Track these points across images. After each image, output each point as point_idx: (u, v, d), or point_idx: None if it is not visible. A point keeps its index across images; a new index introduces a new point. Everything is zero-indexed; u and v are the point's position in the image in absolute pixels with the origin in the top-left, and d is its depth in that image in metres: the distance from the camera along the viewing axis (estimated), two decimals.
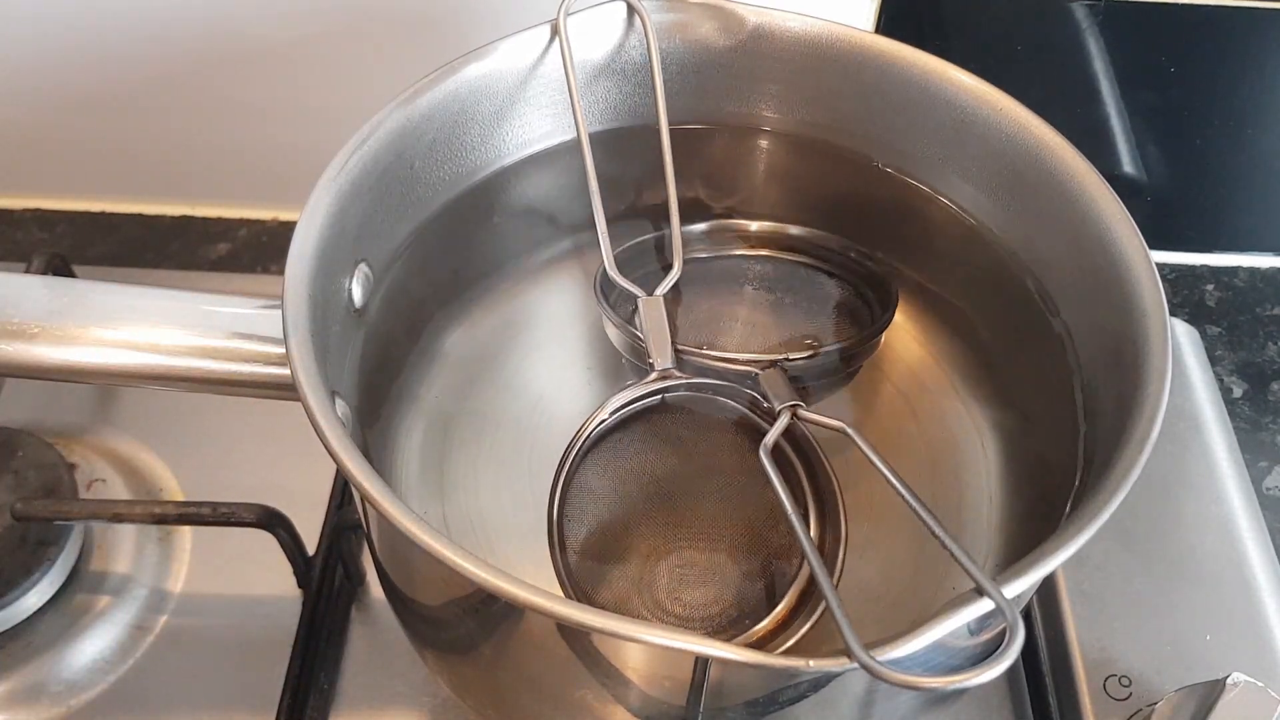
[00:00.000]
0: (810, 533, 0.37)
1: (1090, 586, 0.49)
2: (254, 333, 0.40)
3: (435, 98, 0.41)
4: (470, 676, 0.40)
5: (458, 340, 0.45)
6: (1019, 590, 0.29)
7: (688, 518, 0.38)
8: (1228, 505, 0.53)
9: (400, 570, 0.38)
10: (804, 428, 0.39)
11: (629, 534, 0.38)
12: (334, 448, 0.31)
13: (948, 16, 0.59)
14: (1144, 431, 0.33)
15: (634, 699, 0.34)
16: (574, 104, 0.40)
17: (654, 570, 0.37)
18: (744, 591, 0.37)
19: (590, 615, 0.28)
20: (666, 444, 0.40)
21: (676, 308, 0.44)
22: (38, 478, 0.51)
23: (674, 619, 0.36)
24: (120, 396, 0.58)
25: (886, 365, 0.46)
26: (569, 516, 0.37)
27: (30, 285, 0.42)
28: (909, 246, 0.48)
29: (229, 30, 0.60)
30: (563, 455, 0.38)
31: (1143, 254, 0.38)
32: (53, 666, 0.48)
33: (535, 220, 0.48)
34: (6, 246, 0.67)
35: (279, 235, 0.69)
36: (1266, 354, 0.66)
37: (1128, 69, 0.61)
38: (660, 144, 0.43)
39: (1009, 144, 0.42)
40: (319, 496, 0.52)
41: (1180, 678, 0.45)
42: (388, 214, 0.42)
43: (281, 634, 0.48)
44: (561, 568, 0.36)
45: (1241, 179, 0.66)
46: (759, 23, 0.45)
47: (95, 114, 0.64)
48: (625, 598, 0.36)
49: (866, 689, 0.34)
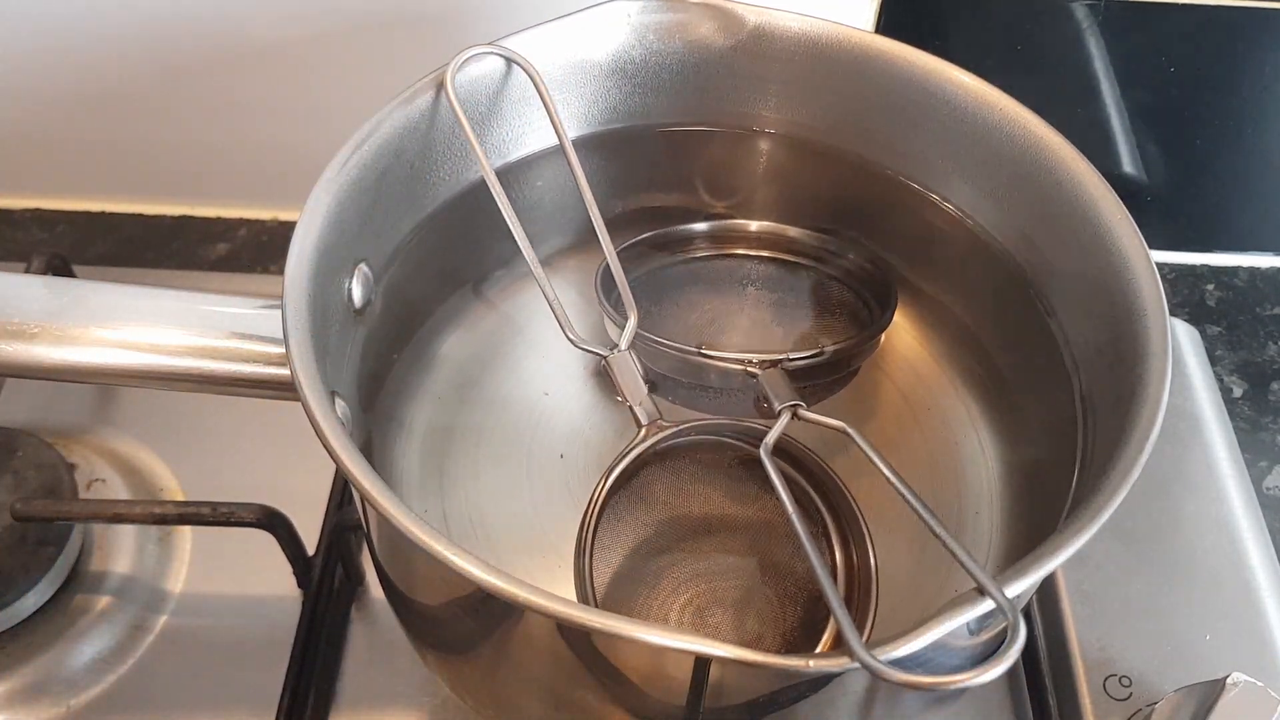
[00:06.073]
0: (806, 527, 0.37)
1: (1090, 586, 0.49)
2: (254, 333, 0.40)
3: (434, 98, 0.41)
4: (470, 676, 0.40)
5: (457, 340, 0.45)
6: (1020, 590, 0.29)
7: (710, 565, 0.38)
8: (1228, 505, 0.53)
9: (400, 570, 0.38)
10: (822, 463, 0.39)
11: (655, 600, 0.38)
12: (334, 448, 0.31)
13: (948, 16, 0.59)
14: (1144, 431, 0.33)
15: (634, 699, 0.34)
16: (476, 151, 0.41)
17: (683, 618, 0.37)
18: (779, 619, 0.37)
19: (590, 615, 0.28)
20: (671, 494, 0.40)
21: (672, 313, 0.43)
22: (38, 478, 0.51)
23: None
24: (120, 396, 0.58)
25: (886, 365, 0.46)
26: (601, 599, 0.37)
27: (30, 285, 0.42)
28: (909, 246, 0.48)
29: (229, 30, 0.60)
30: (578, 537, 0.37)
31: (1143, 254, 0.38)
32: (53, 666, 0.48)
33: (534, 219, 0.48)
34: (6, 246, 0.67)
35: (279, 235, 0.69)
36: (1266, 354, 0.66)
37: (1128, 69, 0.61)
38: (586, 206, 0.42)
39: (1009, 144, 0.42)
40: (319, 496, 0.52)
41: (1180, 678, 0.45)
42: (387, 214, 0.42)
43: (281, 634, 0.48)
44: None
45: (1241, 179, 0.66)
46: (759, 23, 0.45)
47: (95, 114, 0.64)
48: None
49: (867, 689, 0.34)
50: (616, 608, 0.37)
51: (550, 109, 0.43)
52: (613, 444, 0.42)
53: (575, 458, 0.43)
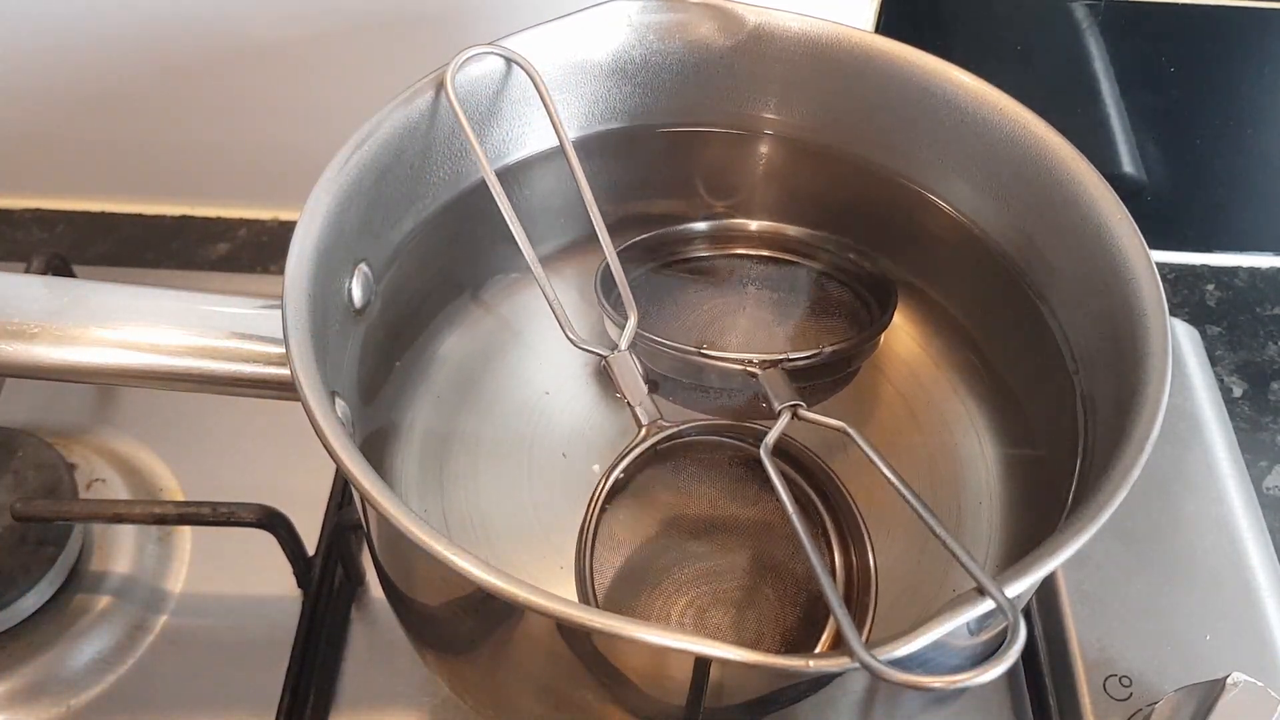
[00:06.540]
0: (806, 525, 0.37)
1: (1090, 586, 0.49)
2: (254, 333, 0.40)
3: (434, 98, 0.41)
4: (470, 676, 0.40)
5: (457, 339, 0.45)
6: (1020, 590, 0.29)
7: (710, 566, 0.38)
8: (1228, 505, 0.53)
9: (400, 570, 0.38)
10: (822, 463, 0.39)
11: (656, 601, 0.38)
12: (334, 448, 0.31)
13: (948, 16, 0.59)
14: (1144, 431, 0.33)
15: (634, 699, 0.34)
16: (477, 152, 0.41)
17: (683, 618, 0.37)
18: (779, 619, 0.37)
19: (590, 615, 0.28)
20: (671, 494, 0.40)
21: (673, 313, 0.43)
22: (38, 478, 0.51)
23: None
24: (120, 396, 0.58)
25: (886, 365, 0.46)
26: (602, 600, 0.37)
27: (30, 285, 0.42)
28: (908, 246, 0.48)
29: (229, 30, 0.60)
30: (579, 537, 0.37)
31: (1143, 254, 0.38)
32: (53, 666, 0.48)
33: (534, 220, 0.48)
34: (6, 246, 0.67)
35: (279, 235, 0.69)
36: (1266, 354, 0.66)
37: (1128, 69, 0.61)
38: (586, 206, 0.42)
39: (1009, 144, 0.42)
40: (319, 496, 0.52)
41: (1180, 678, 0.45)
42: (387, 214, 0.42)
43: (281, 634, 0.48)
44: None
45: (1241, 179, 0.66)
46: (759, 23, 0.45)
47: (95, 114, 0.64)
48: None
49: (867, 689, 0.34)
50: (617, 608, 0.37)
51: (550, 109, 0.43)
52: (613, 444, 0.42)
53: (576, 457, 0.43)
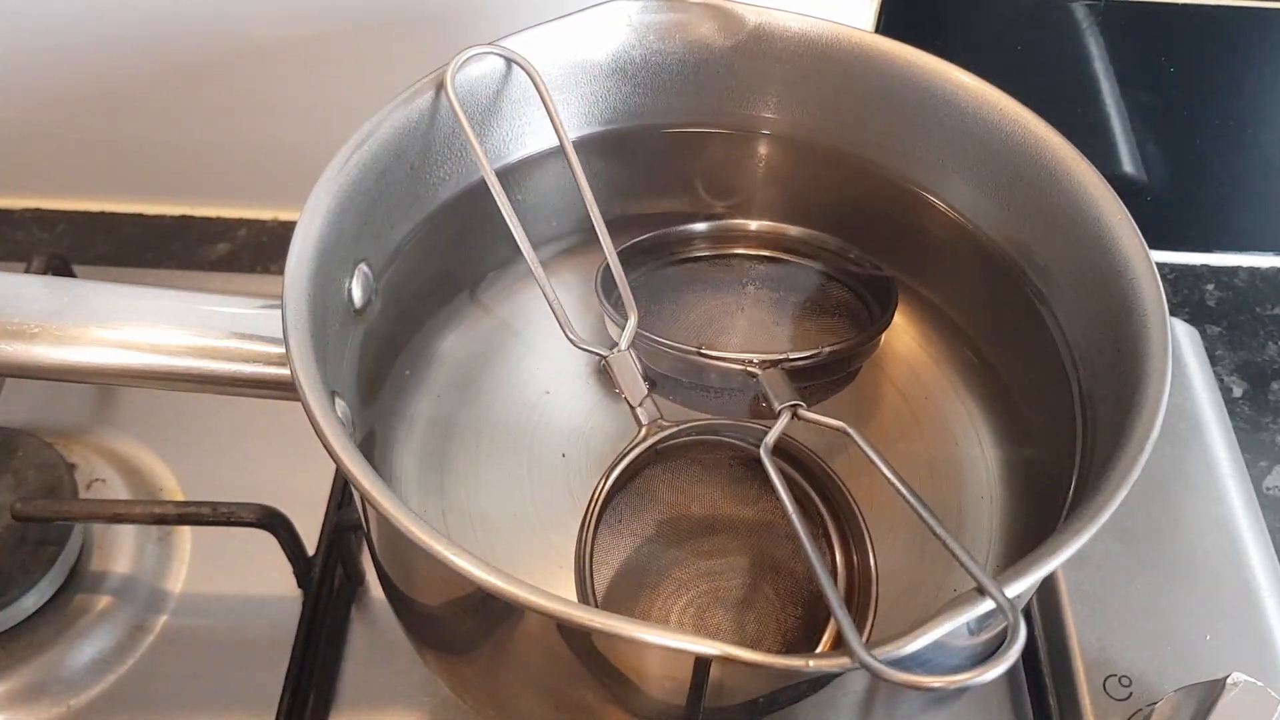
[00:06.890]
0: (806, 525, 0.37)
1: (1090, 586, 0.49)
2: (254, 333, 0.40)
3: (434, 98, 0.41)
4: (470, 676, 0.40)
5: (457, 339, 0.45)
6: (1020, 590, 0.29)
7: (710, 566, 0.38)
8: (1228, 505, 0.53)
9: (400, 570, 0.38)
10: (822, 463, 0.39)
11: (656, 601, 0.38)
12: (334, 448, 0.31)
13: (948, 16, 0.59)
14: (1144, 431, 0.33)
15: (634, 699, 0.34)
16: (477, 152, 0.41)
17: (683, 618, 0.37)
18: (779, 619, 0.37)
19: (590, 615, 0.28)
20: (671, 494, 0.40)
21: (677, 311, 0.43)
22: (38, 478, 0.51)
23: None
24: (120, 396, 0.58)
25: (886, 366, 0.46)
26: (602, 600, 0.37)
27: (30, 285, 0.42)
28: (908, 247, 0.48)
29: (229, 30, 0.60)
30: (578, 537, 0.37)
31: (1143, 254, 0.38)
32: (53, 666, 0.48)
33: (534, 219, 0.48)
34: (6, 246, 0.67)
35: (279, 235, 0.69)
36: (1266, 354, 0.66)
37: (1128, 69, 0.61)
38: (586, 206, 0.42)
39: (1009, 144, 0.42)
40: (319, 496, 0.52)
41: (1180, 678, 0.45)
42: (387, 214, 0.42)
43: (281, 634, 0.48)
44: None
45: (1241, 179, 0.66)
46: (759, 23, 0.45)
47: (95, 114, 0.64)
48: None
49: (867, 689, 0.34)
50: (617, 608, 0.37)
51: (550, 109, 0.43)
52: (613, 444, 0.42)
53: (576, 457, 0.43)
